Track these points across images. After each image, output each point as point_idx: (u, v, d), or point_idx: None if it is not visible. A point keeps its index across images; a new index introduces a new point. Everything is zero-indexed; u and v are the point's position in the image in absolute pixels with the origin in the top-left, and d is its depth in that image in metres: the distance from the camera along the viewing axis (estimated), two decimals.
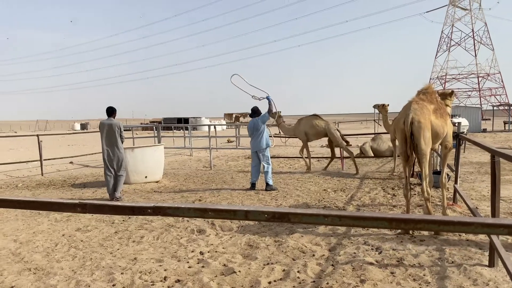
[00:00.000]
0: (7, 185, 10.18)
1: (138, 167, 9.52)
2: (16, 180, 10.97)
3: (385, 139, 13.35)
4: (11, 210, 6.74)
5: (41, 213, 6.48)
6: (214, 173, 11.24)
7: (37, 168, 12.59)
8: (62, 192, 9.00)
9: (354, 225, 1.34)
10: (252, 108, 8.80)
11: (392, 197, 7.20)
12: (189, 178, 10.50)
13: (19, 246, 4.96)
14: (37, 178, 11.23)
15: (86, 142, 26.60)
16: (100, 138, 7.88)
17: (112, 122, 7.81)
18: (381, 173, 10.11)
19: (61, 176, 11.67)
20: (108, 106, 8.03)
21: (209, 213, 1.45)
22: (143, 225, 5.67)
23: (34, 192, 9.07)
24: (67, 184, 10.11)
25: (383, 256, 4.19)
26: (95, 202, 1.52)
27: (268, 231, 5.21)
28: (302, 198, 7.42)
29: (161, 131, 15.00)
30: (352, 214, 1.31)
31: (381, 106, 10.30)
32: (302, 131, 10.99)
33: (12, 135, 37.70)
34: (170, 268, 4.06)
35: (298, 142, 21.58)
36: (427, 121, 4.90)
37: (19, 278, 3.93)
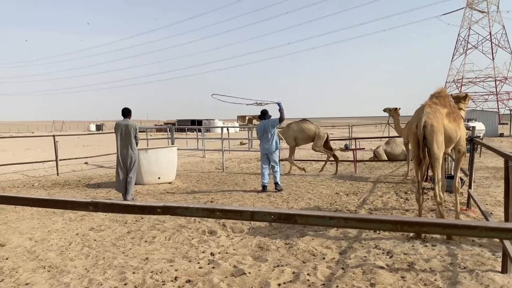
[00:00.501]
0: (23, 184, 10.39)
1: (151, 168, 9.62)
2: (32, 180, 11.18)
3: (399, 142, 13.25)
4: (27, 209, 6.88)
5: (56, 212, 6.60)
6: (226, 175, 11.29)
7: (52, 168, 12.80)
8: (77, 192, 9.15)
9: (359, 227, 1.35)
10: (262, 110, 8.86)
11: (405, 201, 7.15)
12: (202, 179, 10.57)
13: (34, 244, 5.06)
14: (53, 178, 11.43)
15: (101, 143, 26.93)
16: (115, 138, 7.93)
17: (128, 123, 7.87)
18: (395, 177, 10.04)
19: (76, 176, 11.85)
20: (124, 107, 8.10)
21: (217, 213, 1.47)
22: (155, 226, 5.74)
23: (50, 192, 9.23)
24: (82, 184, 10.26)
25: (394, 260, 4.17)
26: (106, 201, 1.57)
27: (279, 234, 5.22)
28: (314, 201, 7.41)
29: (174, 133, 15.12)
30: (357, 216, 1.32)
31: (393, 110, 10.22)
32: (292, 136, 11.11)
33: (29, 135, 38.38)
34: (181, 268, 4.10)
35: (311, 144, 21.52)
36: (440, 125, 4.86)
37: (34, 276, 4.01)
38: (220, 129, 18.06)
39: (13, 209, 6.95)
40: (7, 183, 10.67)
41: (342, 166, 12.59)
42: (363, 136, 23.05)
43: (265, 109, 8.85)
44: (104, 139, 31.86)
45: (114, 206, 1.56)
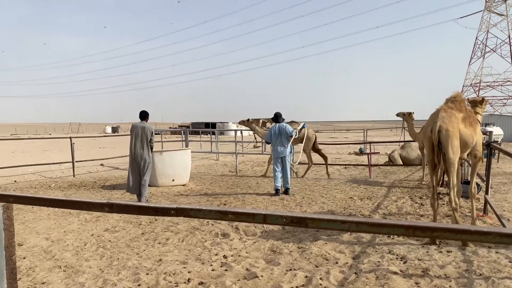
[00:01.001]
0: (41, 185, 10.57)
1: (166, 170, 9.70)
2: (49, 181, 11.37)
3: (414, 147, 13.11)
4: (44, 209, 7.01)
5: (72, 213, 6.70)
6: (240, 178, 11.32)
7: (69, 169, 13.01)
8: (92, 193, 9.27)
9: (371, 231, 1.35)
10: (275, 113, 8.90)
11: (420, 207, 7.07)
12: (215, 182, 10.61)
13: (51, 244, 5.15)
14: (69, 179, 11.61)
15: (117, 145, 27.25)
16: (130, 139, 7.99)
17: (144, 126, 7.92)
18: (410, 182, 9.93)
19: (91, 177, 12.02)
20: (142, 110, 8.17)
21: (229, 215, 1.49)
22: (169, 227, 5.78)
23: (66, 193, 9.37)
24: (97, 185, 10.40)
25: (408, 266, 4.13)
26: (121, 202, 1.59)
27: (292, 237, 5.21)
28: (328, 205, 7.38)
29: (188, 136, 15.22)
30: (369, 221, 1.32)
31: (407, 114, 10.13)
32: None
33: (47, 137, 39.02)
34: (194, 270, 4.12)
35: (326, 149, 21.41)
36: (455, 129, 4.81)
37: (50, 275, 4.08)
38: (233, 132, 18.12)
39: (31, 209, 7.08)
40: (25, 183, 10.88)
41: (356, 170, 12.52)
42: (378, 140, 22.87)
43: (279, 112, 8.91)
44: (119, 141, 32.23)
45: (128, 207, 1.59)
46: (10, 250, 1.89)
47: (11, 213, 1.90)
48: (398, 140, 23.72)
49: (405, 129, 11.53)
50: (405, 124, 10.52)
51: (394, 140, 26.04)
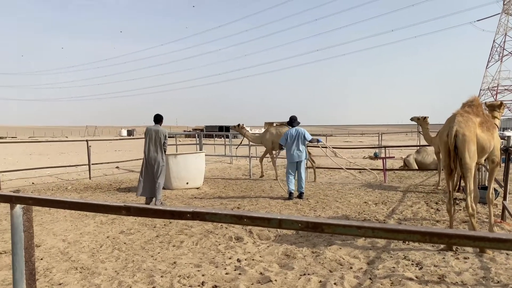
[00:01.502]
0: (57, 187, 10.74)
1: (180, 173, 9.77)
2: (66, 183, 11.54)
3: (430, 151, 12.95)
4: (61, 211, 7.11)
5: (88, 215, 6.79)
6: (253, 182, 11.33)
7: (85, 172, 13.18)
8: (108, 196, 9.38)
9: (387, 237, 1.35)
10: (291, 116, 8.88)
11: (436, 212, 6.97)
12: (229, 185, 10.64)
13: (67, 245, 5.22)
14: (85, 182, 11.77)
15: (132, 148, 27.53)
16: (144, 143, 8.08)
17: (158, 129, 8.01)
18: (425, 187, 9.81)
19: (107, 180, 12.16)
20: (156, 113, 8.26)
21: (245, 220, 1.50)
22: (183, 230, 5.82)
23: (82, 195, 9.50)
24: (113, 188, 10.52)
25: (424, 272, 4.08)
26: (139, 205, 1.62)
27: (306, 242, 5.20)
28: (342, 210, 7.33)
29: (202, 139, 15.30)
30: (385, 227, 1.32)
31: (422, 118, 10.02)
32: (270, 140, 11.42)
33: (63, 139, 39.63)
34: (208, 273, 4.14)
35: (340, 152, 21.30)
36: (472, 134, 4.74)
37: (66, 276, 4.14)
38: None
39: (48, 211, 7.20)
40: (42, 185, 11.06)
41: (371, 175, 12.41)
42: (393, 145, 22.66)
43: (294, 115, 8.87)
44: (135, 144, 32.55)
45: (146, 211, 1.61)
46: (30, 252, 1.93)
47: (30, 215, 1.94)
48: (413, 144, 23.47)
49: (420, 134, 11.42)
50: (420, 129, 10.42)
51: (410, 144, 25.77)
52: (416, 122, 10.42)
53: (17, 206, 1.86)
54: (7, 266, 4.44)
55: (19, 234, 1.88)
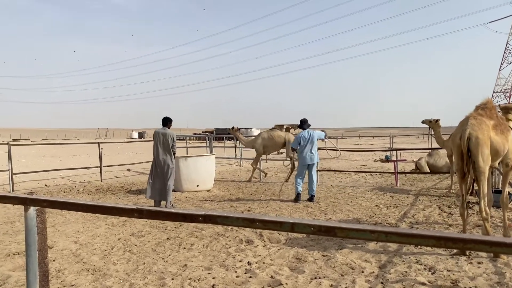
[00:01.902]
0: (69, 189, 10.84)
1: (190, 176, 9.80)
2: (78, 185, 11.65)
3: (442, 154, 12.82)
4: (73, 213, 7.17)
5: (99, 217, 6.84)
6: (263, 184, 11.31)
7: (97, 174, 13.30)
8: (119, 198, 9.44)
9: (400, 242, 1.33)
10: (301, 119, 8.87)
11: (448, 216, 6.89)
12: (239, 188, 10.64)
13: (79, 247, 5.26)
14: (97, 184, 11.86)
15: (143, 150, 27.70)
16: (153, 146, 8.15)
17: (166, 132, 8.07)
18: (437, 190, 9.71)
19: (118, 182, 12.24)
20: (164, 116, 8.31)
21: (257, 223, 1.49)
22: (193, 233, 5.83)
23: (94, 197, 9.58)
24: (124, 190, 10.59)
25: (437, 277, 4.03)
26: (151, 208, 1.62)
27: (316, 245, 5.17)
28: (353, 213, 7.28)
29: (212, 141, 15.34)
30: (399, 231, 1.30)
31: (434, 121, 9.94)
32: (261, 145, 11.66)
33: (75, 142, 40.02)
34: (219, 276, 4.14)
35: (351, 155, 21.21)
36: (485, 137, 4.68)
37: (78, 278, 4.18)
38: None
39: (60, 212, 7.27)
40: (54, 187, 11.18)
41: (382, 178, 12.33)
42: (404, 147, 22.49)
43: (305, 118, 8.88)
44: (145, 146, 32.76)
45: (158, 213, 1.62)
46: (43, 253, 1.95)
47: (44, 217, 1.96)
48: (425, 147, 23.26)
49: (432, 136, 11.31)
50: (431, 131, 10.33)
51: (421, 147, 25.53)
52: (427, 125, 10.33)
53: (31, 208, 1.88)
54: (21, 267, 4.49)
55: (33, 236, 1.90)
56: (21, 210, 7.45)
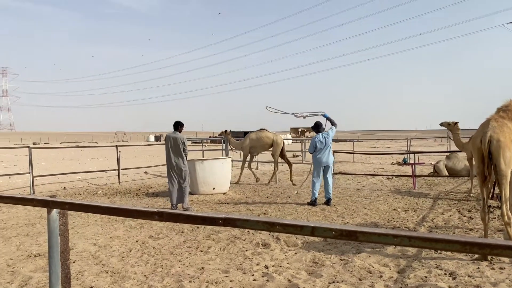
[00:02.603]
0: (88, 191, 11.00)
1: (206, 179, 9.84)
2: (96, 188, 11.81)
3: (461, 157, 12.59)
4: (91, 215, 7.26)
5: (118, 220, 6.91)
6: (279, 188, 11.29)
7: (114, 177, 13.45)
8: (137, 201, 9.53)
9: (424, 246, 1.31)
10: (316, 123, 8.80)
11: (469, 220, 6.76)
12: (255, 191, 10.64)
13: (98, 249, 5.33)
14: (115, 186, 12.01)
15: (159, 153, 27.92)
16: (165, 150, 8.30)
17: (177, 136, 8.22)
18: (457, 194, 9.54)
19: (136, 185, 12.37)
20: (175, 120, 8.47)
21: (277, 227, 1.49)
22: (210, 236, 5.84)
23: (112, 199, 9.69)
24: (141, 193, 10.69)
25: (458, 282, 3.95)
26: (171, 211, 1.63)
27: (334, 249, 5.13)
28: (370, 217, 7.21)
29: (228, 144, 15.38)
30: (423, 235, 1.28)
31: (452, 124, 9.77)
32: (249, 145, 11.91)
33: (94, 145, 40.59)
34: (236, 279, 4.13)
35: (368, 159, 21.01)
36: (507, 140, 4.58)
37: (97, 279, 4.22)
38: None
39: (79, 215, 7.37)
40: (73, 190, 11.35)
41: (400, 181, 12.18)
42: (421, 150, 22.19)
43: (319, 121, 8.79)
44: (162, 149, 32.94)
45: (178, 216, 1.62)
46: (65, 255, 1.98)
47: (66, 219, 1.99)
48: (443, 150, 22.91)
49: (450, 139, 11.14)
50: (450, 134, 10.17)
51: (439, 150, 25.16)
52: (446, 127, 10.17)
53: (53, 210, 1.91)
54: (41, 268, 4.56)
55: (55, 238, 1.93)
56: (41, 212, 7.61)
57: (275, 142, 11.74)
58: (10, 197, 2.16)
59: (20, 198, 2.21)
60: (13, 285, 4.10)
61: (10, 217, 7.47)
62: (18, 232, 6.35)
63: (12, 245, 5.56)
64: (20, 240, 5.85)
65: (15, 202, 2.15)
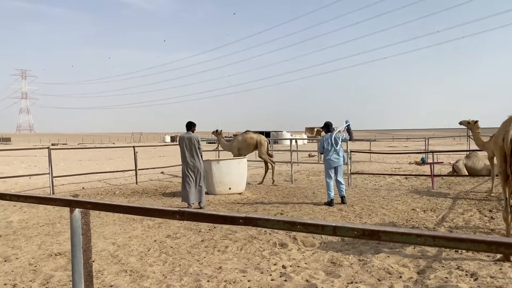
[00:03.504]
0: (106, 192, 11.14)
1: (223, 179, 9.88)
2: (114, 188, 11.95)
3: (481, 156, 12.36)
4: (110, 215, 7.36)
5: (136, 219, 6.99)
6: (295, 188, 11.25)
7: (132, 177, 13.60)
8: (154, 200, 9.62)
9: (449, 246, 1.28)
10: (326, 123, 8.83)
11: (490, 220, 6.63)
12: (271, 191, 10.63)
13: (117, 249, 5.39)
14: (132, 186, 12.14)
15: (175, 154, 28.10)
16: (180, 150, 8.38)
17: (191, 136, 8.30)
18: (477, 194, 9.37)
19: (153, 185, 12.49)
20: (188, 121, 8.55)
21: (298, 226, 1.48)
22: (227, 235, 5.86)
23: (130, 199, 9.80)
24: (158, 192, 10.79)
25: (479, 283, 3.88)
26: (192, 210, 1.64)
27: (352, 249, 5.09)
28: (388, 217, 7.13)
29: None
30: (447, 235, 1.26)
31: (472, 122, 9.58)
32: (236, 147, 12.15)
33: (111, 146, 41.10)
34: (254, 279, 4.14)
35: (385, 158, 20.80)
36: None
37: (117, 279, 4.28)
38: (288, 141, 18.06)
39: (98, 214, 7.47)
40: (92, 190, 11.51)
41: (418, 181, 12.01)
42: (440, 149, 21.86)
43: (329, 121, 8.79)
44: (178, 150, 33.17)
45: (199, 215, 1.63)
46: (87, 254, 2.01)
47: (88, 219, 2.02)
48: (462, 149, 22.52)
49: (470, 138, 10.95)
50: (469, 133, 9.99)
51: (459, 149, 24.74)
52: (465, 126, 9.99)
53: (76, 210, 1.94)
54: (62, 267, 4.64)
55: (78, 237, 1.96)
56: (61, 212, 7.74)
57: (258, 142, 12.08)
58: (34, 197, 2.20)
59: (44, 198, 2.25)
60: (35, 284, 4.18)
61: (31, 217, 7.62)
62: (39, 231, 6.47)
63: (34, 244, 5.67)
64: (41, 239, 5.97)
65: (39, 202, 2.19)
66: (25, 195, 2.18)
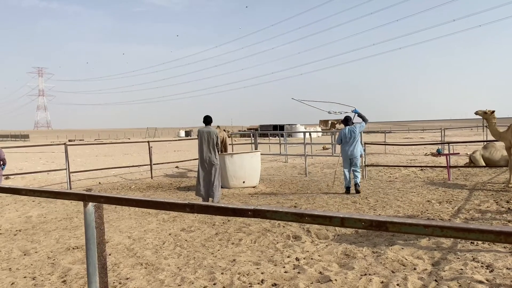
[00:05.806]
0: (122, 186, 11.30)
1: (237, 172, 9.92)
2: (130, 182, 12.11)
3: (498, 147, 12.16)
4: (126, 209, 7.47)
5: (151, 213, 7.08)
6: (309, 180, 11.24)
7: (147, 171, 13.75)
8: (169, 194, 9.73)
9: (457, 236, 1.28)
10: (345, 117, 9.26)
11: (507, 211, 6.54)
12: (285, 184, 10.64)
13: (132, 242, 5.48)
14: (147, 181, 12.28)
15: (190, 148, 28.31)
16: (198, 144, 8.39)
17: (210, 130, 8.31)
18: (494, 185, 9.23)
19: (168, 179, 12.62)
20: (206, 115, 8.53)
21: (306, 218, 1.49)
22: (241, 228, 5.90)
23: (145, 194, 9.93)
24: (173, 187, 10.90)
25: (495, 275, 3.83)
26: (202, 203, 1.66)
27: (366, 241, 5.07)
28: (403, 209, 7.08)
29: (257, 138, 15.43)
30: (455, 225, 1.26)
31: (489, 112, 9.40)
32: None
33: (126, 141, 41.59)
34: (267, 271, 4.16)
35: (400, 150, 20.60)
36: None
37: (132, 271, 4.35)
38: (302, 134, 18.03)
39: (114, 209, 7.59)
40: (108, 185, 11.69)
41: (434, 173, 11.88)
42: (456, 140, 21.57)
43: (348, 115, 9.17)
44: (192, 144, 33.42)
45: (208, 208, 1.65)
46: (101, 247, 2.05)
47: (101, 213, 2.06)
48: (479, 139, 22.16)
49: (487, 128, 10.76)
50: (486, 123, 9.82)
51: (475, 140, 24.35)
52: (482, 116, 9.81)
53: (89, 204, 1.98)
54: (79, 260, 4.74)
55: (91, 230, 2.00)
56: (78, 207, 7.89)
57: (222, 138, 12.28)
58: (50, 191, 2.25)
59: (59, 192, 2.31)
60: (53, 277, 4.28)
61: (49, 211, 7.78)
62: (57, 226, 6.61)
63: (52, 238, 5.80)
64: (59, 233, 6.09)
65: (54, 196, 2.24)
66: (40, 190, 2.23)
